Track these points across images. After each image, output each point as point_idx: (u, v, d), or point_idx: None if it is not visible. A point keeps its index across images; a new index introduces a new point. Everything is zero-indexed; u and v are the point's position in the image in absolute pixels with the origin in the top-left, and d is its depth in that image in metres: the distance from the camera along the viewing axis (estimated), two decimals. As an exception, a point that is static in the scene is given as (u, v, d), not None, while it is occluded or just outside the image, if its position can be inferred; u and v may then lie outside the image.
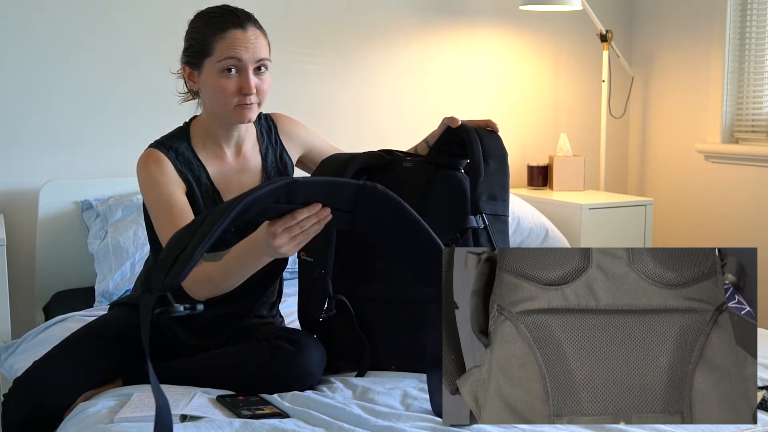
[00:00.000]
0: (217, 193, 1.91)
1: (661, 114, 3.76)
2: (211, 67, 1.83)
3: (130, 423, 1.57)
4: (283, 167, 2.02)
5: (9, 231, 2.73)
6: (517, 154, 3.63)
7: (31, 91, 2.83)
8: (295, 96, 3.18)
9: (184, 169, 1.87)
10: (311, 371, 1.79)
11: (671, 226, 3.72)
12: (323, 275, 1.85)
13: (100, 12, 2.89)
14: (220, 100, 1.84)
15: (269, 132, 2.03)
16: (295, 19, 3.20)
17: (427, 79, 3.46)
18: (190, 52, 1.87)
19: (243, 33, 1.83)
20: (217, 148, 1.94)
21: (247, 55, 1.82)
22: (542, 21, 3.65)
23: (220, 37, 1.82)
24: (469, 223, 1.83)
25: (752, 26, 3.39)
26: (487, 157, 1.88)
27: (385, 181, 1.94)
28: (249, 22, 1.86)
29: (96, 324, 1.95)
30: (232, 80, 1.83)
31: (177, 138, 1.92)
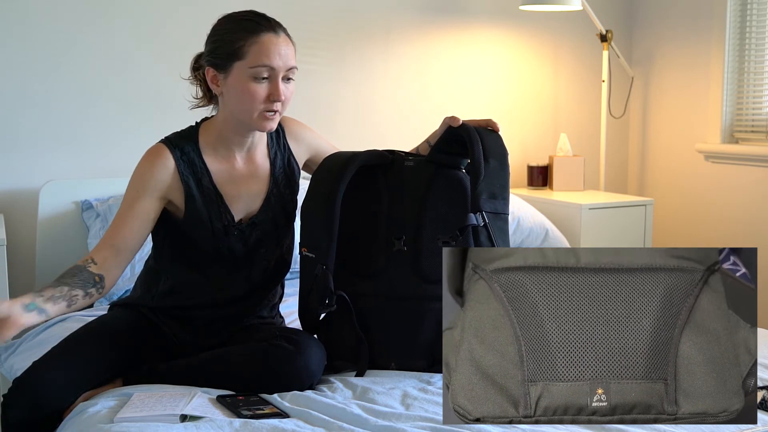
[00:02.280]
0: (219, 196, 1.91)
1: (661, 114, 3.76)
2: (241, 70, 1.80)
3: (130, 423, 1.57)
4: (290, 172, 2.01)
5: (9, 231, 2.73)
6: (517, 154, 3.63)
7: (31, 91, 2.82)
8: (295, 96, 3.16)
9: (186, 170, 1.87)
10: (311, 370, 1.79)
11: (671, 226, 3.72)
12: (325, 271, 1.85)
13: (100, 12, 2.89)
14: (247, 105, 1.82)
15: (278, 136, 2.02)
16: (295, 18, 3.19)
17: (427, 78, 3.46)
18: (218, 53, 1.83)
19: (276, 37, 1.82)
20: (227, 152, 1.93)
21: (279, 63, 1.81)
22: (542, 21, 3.65)
23: (254, 41, 1.80)
24: (469, 221, 1.83)
25: (752, 26, 3.39)
26: (488, 156, 1.88)
27: (387, 180, 1.96)
28: (280, 28, 1.85)
29: (96, 324, 1.95)
30: (263, 86, 1.81)
31: (186, 138, 1.91)
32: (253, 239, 1.94)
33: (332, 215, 1.86)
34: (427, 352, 1.88)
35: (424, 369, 1.88)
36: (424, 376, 1.84)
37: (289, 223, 2.02)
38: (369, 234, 1.93)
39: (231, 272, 1.94)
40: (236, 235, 1.92)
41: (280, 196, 1.98)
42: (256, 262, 1.96)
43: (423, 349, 1.88)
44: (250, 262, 1.95)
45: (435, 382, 1.80)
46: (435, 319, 1.85)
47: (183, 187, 1.87)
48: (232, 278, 1.95)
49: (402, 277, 1.89)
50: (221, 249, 1.90)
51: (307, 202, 1.93)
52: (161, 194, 1.86)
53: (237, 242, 1.92)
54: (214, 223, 1.90)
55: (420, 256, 1.89)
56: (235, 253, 1.92)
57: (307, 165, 2.10)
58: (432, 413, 1.62)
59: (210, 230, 1.89)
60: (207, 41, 1.88)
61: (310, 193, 1.94)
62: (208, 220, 1.89)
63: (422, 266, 1.89)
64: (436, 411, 1.63)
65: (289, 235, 2.04)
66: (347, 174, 1.89)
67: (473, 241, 1.85)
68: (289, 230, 2.03)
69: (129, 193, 1.86)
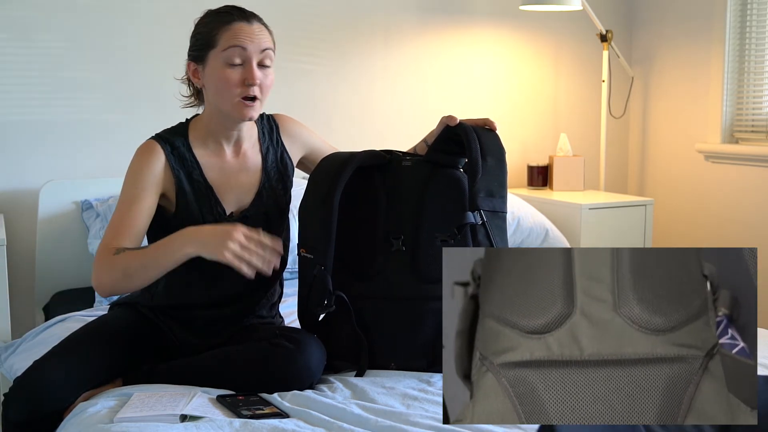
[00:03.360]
0: (210, 189, 1.92)
1: (661, 114, 3.76)
2: (215, 58, 1.84)
3: (130, 423, 1.57)
4: (283, 167, 2.03)
5: (9, 231, 2.73)
6: (517, 154, 3.63)
7: (31, 91, 2.82)
8: (294, 96, 3.18)
9: (176, 164, 1.89)
10: (311, 369, 1.79)
11: (671, 226, 3.72)
12: (323, 272, 1.85)
13: (100, 12, 2.89)
14: (224, 92, 1.85)
15: (271, 132, 2.03)
16: (295, 19, 3.20)
17: (426, 79, 3.46)
18: (195, 46, 1.89)
19: (248, 25, 1.86)
20: (216, 146, 1.95)
21: (251, 46, 1.84)
22: (542, 21, 3.65)
23: (225, 28, 1.84)
24: (467, 220, 1.83)
25: (752, 26, 3.39)
26: (485, 155, 1.88)
27: (385, 180, 1.96)
28: (254, 18, 1.89)
29: (96, 324, 1.95)
30: (236, 71, 1.84)
31: (176, 133, 1.94)
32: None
33: (330, 216, 1.86)
34: (427, 351, 1.87)
35: (424, 369, 1.88)
36: (424, 376, 1.84)
37: (281, 219, 2.02)
38: (367, 234, 1.93)
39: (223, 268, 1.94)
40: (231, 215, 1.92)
41: (272, 191, 1.98)
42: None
43: (423, 349, 1.88)
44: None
45: (435, 382, 1.80)
46: (435, 318, 1.85)
47: (174, 181, 1.89)
48: (224, 274, 1.94)
49: (401, 277, 1.89)
50: None
51: (304, 202, 1.93)
52: (157, 188, 1.87)
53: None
54: (206, 216, 1.90)
55: (418, 256, 1.89)
56: None
57: (302, 163, 2.11)
58: (432, 413, 1.62)
59: (201, 223, 1.89)
60: (190, 38, 1.93)
61: (307, 194, 1.94)
62: (199, 213, 1.90)
63: (421, 266, 1.89)
64: (436, 411, 1.63)
65: (283, 231, 2.04)
66: (345, 175, 1.89)
67: (471, 240, 1.86)
68: (282, 226, 2.03)
69: (127, 191, 1.86)
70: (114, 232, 1.83)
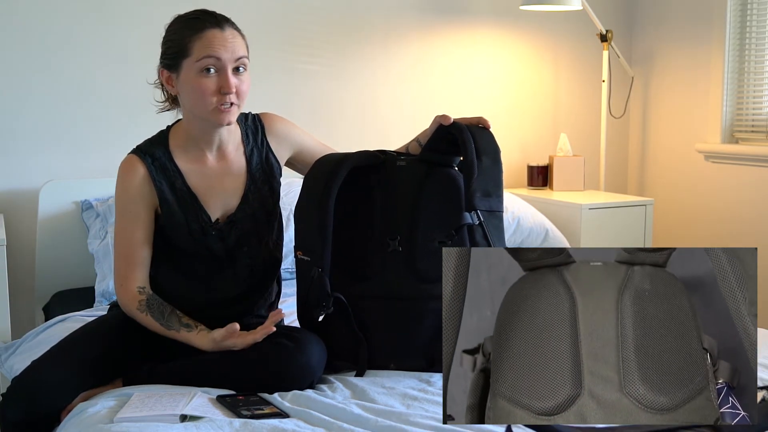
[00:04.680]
0: (194, 197, 1.92)
1: (661, 114, 3.76)
2: (189, 68, 1.83)
3: (130, 423, 1.57)
4: (268, 168, 2.01)
5: (9, 231, 2.73)
6: (517, 154, 3.63)
7: (30, 91, 2.82)
8: (295, 96, 3.18)
9: (158, 175, 1.89)
10: (312, 367, 1.79)
11: (671, 226, 3.72)
12: (321, 274, 1.85)
13: (100, 11, 2.89)
14: (200, 101, 1.83)
15: (255, 133, 2.01)
16: (295, 19, 3.20)
17: (427, 79, 3.46)
18: (168, 54, 1.87)
19: (221, 32, 1.83)
20: (198, 152, 1.94)
21: (225, 54, 1.82)
22: (542, 21, 3.65)
23: (197, 36, 1.82)
24: (464, 220, 1.83)
25: (752, 26, 3.39)
26: (480, 154, 1.88)
27: (380, 181, 1.96)
28: (226, 23, 1.86)
29: (95, 324, 1.95)
30: (212, 80, 1.82)
31: (156, 143, 1.94)
32: (232, 238, 1.94)
33: (326, 218, 1.86)
34: (426, 351, 1.87)
35: (424, 369, 1.88)
36: (424, 376, 1.84)
37: (270, 220, 2.01)
38: (363, 235, 1.93)
39: (215, 272, 1.94)
40: (214, 235, 1.92)
41: (258, 193, 1.98)
42: (238, 260, 1.96)
43: (422, 349, 1.88)
44: (232, 260, 1.95)
45: (435, 382, 1.80)
46: (434, 318, 1.84)
47: (156, 192, 1.89)
48: (217, 278, 1.95)
49: (398, 277, 1.89)
50: (200, 249, 1.91)
51: (300, 205, 1.93)
52: (146, 202, 1.90)
53: (216, 242, 1.93)
54: (191, 224, 1.91)
55: (415, 256, 1.89)
56: (215, 252, 1.93)
57: (291, 162, 2.09)
58: (432, 413, 1.62)
59: (187, 231, 1.90)
60: (161, 45, 1.90)
61: (302, 196, 1.93)
62: (185, 221, 1.90)
63: (418, 266, 1.88)
64: (436, 411, 1.63)
65: (274, 232, 2.03)
66: (339, 176, 1.89)
67: (469, 240, 1.85)
68: (272, 227, 2.03)
69: (121, 213, 1.92)
70: (124, 261, 1.90)
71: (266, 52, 3.04)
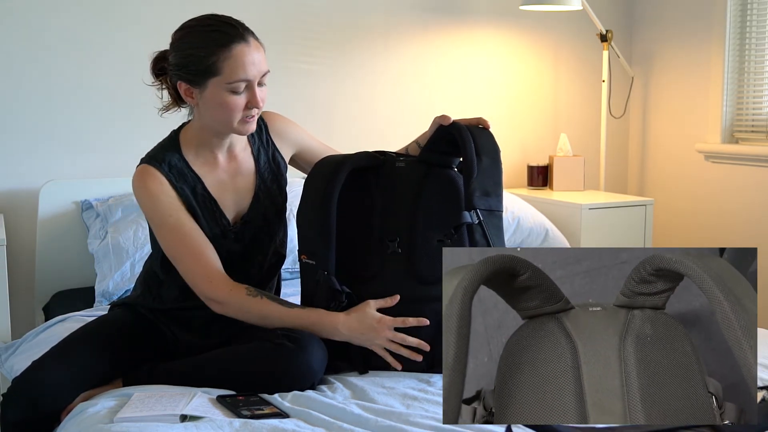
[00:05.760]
0: (213, 201, 1.91)
1: (661, 114, 3.76)
2: (217, 86, 1.80)
3: (130, 423, 1.57)
4: (276, 167, 2.02)
5: (9, 231, 2.73)
6: (517, 154, 3.63)
7: (31, 91, 2.82)
8: (294, 96, 3.18)
9: (178, 182, 1.87)
10: (313, 368, 1.78)
11: (671, 226, 3.72)
12: (327, 276, 1.85)
13: (100, 12, 2.89)
14: (226, 116, 1.83)
15: (260, 132, 2.02)
16: (295, 19, 3.20)
17: (427, 79, 3.46)
18: (190, 70, 1.81)
19: (247, 47, 1.81)
20: (209, 155, 1.93)
21: (255, 73, 1.82)
22: (542, 21, 3.65)
23: (226, 55, 1.78)
24: (463, 219, 1.83)
25: (752, 26, 3.39)
26: (480, 154, 1.88)
27: (379, 182, 1.96)
28: (247, 32, 1.83)
29: (95, 324, 1.95)
30: (241, 98, 1.82)
31: (168, 149, 1.91)
32: (248, 238, 1.94)
33: (328, 221, 1.86)
34: (426, 352, 1.87)
35: (424, 369, 1.88)
36: (424, 376, 1.84)
37: (279, 219, 2.02)
38: (363, 237, 1.92)
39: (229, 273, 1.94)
40: (232, 238, 1.92)
41: (267, 192, 1.98)
42: (252, 259, 1.96)
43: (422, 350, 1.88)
44: (246, 260, 1.95)
45: (435, 382, 1.80)
46: (434, 319, 1.84)
47: (182, 199, 1.87)
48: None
49: (397, 279, 1.88)
50: (220, 253, 1.90)
51: (302, 209, 1.93)
52: (179, 205, 1.86)
53: (233, 244, 1.93)
54: (213, 229, 1.90)
55: (415, 258, 1.88)
56: (232, 255, 1.92)
57: (294, 160, 2.10)
58: (432, 413, 1.62)
59: (210, 237, 1.89)
60: (173, 53, 1.85)
61: (304, 200, 1.94)
62: (207, 227, 1.90)
63: (417, 268, 1.88)
64: (436, 411, 1.63)
65: (281, 229, 2.04)
66: (339, 178, 1.89)
67: (468, 240, 1.85)
68: (280, 225, 2.03)
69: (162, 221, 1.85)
70: (195, 261, 1.84)
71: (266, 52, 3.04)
